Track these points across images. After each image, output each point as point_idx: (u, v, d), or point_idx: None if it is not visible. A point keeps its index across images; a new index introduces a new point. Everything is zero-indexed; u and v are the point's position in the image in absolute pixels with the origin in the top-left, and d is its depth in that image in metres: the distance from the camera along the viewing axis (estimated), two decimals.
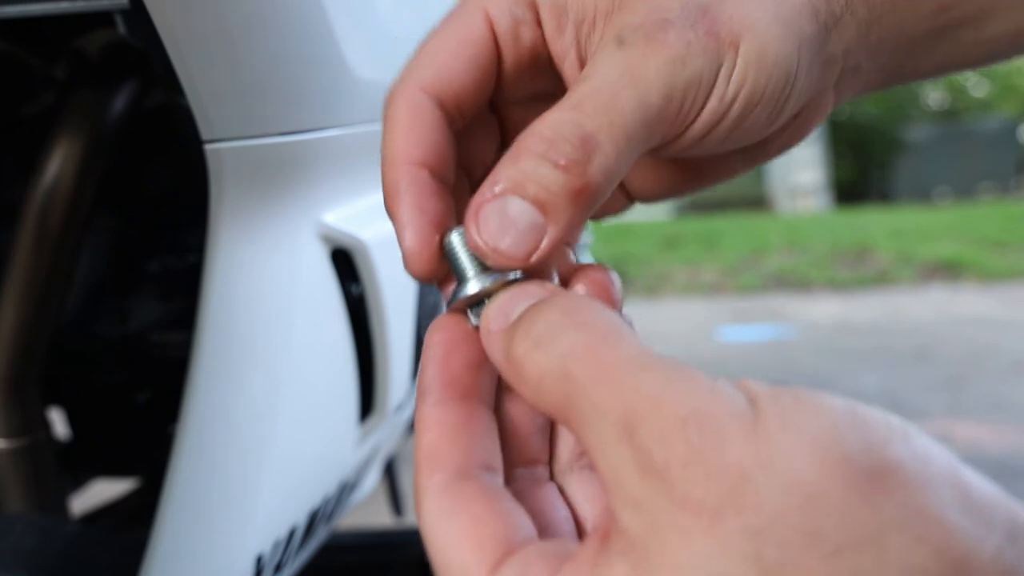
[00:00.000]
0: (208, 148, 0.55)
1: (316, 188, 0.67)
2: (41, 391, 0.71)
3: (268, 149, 0.59)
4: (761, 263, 6.83)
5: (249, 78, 0.55)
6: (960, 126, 16.88)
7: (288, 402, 0.65)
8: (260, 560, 0.66)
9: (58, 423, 1.06)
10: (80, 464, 1.11)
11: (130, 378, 1.05)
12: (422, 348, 0.30)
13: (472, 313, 0.30)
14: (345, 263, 0.72)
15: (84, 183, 0.66)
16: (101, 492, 1.18)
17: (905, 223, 8.77)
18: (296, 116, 0.61)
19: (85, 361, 1.02)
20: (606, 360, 0.23)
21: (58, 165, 0.65)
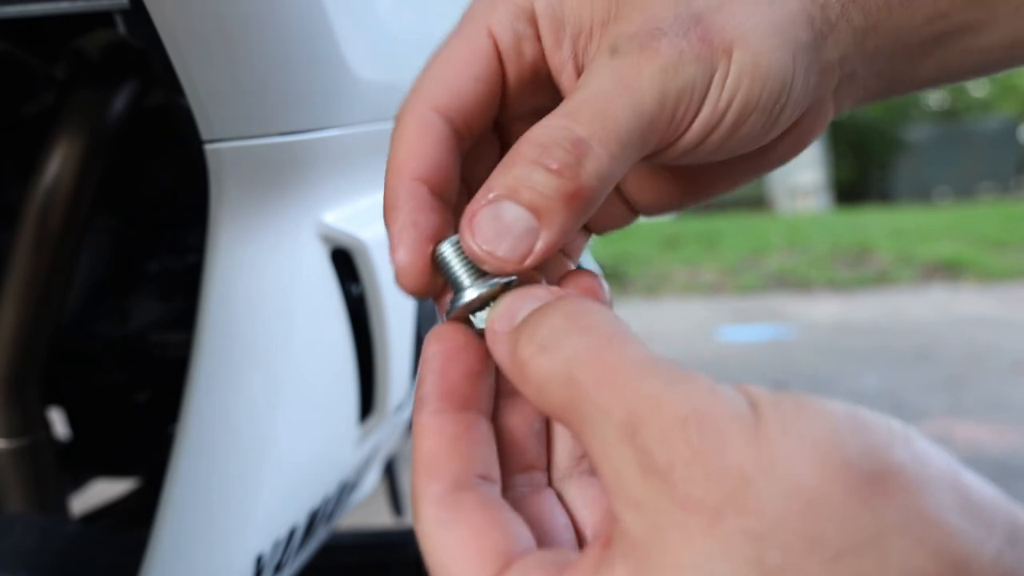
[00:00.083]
0: (208, 148, 0.55)
1: (316, 188, 0.67)
2: (41, 391, 0.72)
3: (268, 149, 0.59)
4: (761, 263, 6.83)
5: (249, 78, 0.55)
6: (960, 126, 16.86)
7: (288, 402, 0.65)
8: (260, 560, 0.66)
9: (58, 423, 1.06)
10: (80, 464, 1.11)
11: (130, 378, 1.05)
12: (420, 357, 0.30)
13: (473, 320, 0.30)
14: (345, 263, 0.72)
15: (84, 183, 0.66)
16: (101, 492, 1.18)
17: (905, 223, 8.78)
18: (296, 116, 0.61)
19: (85, 361, 1.02)
20: (609, 363, 0.24)
21: (58, 165, 0.65)
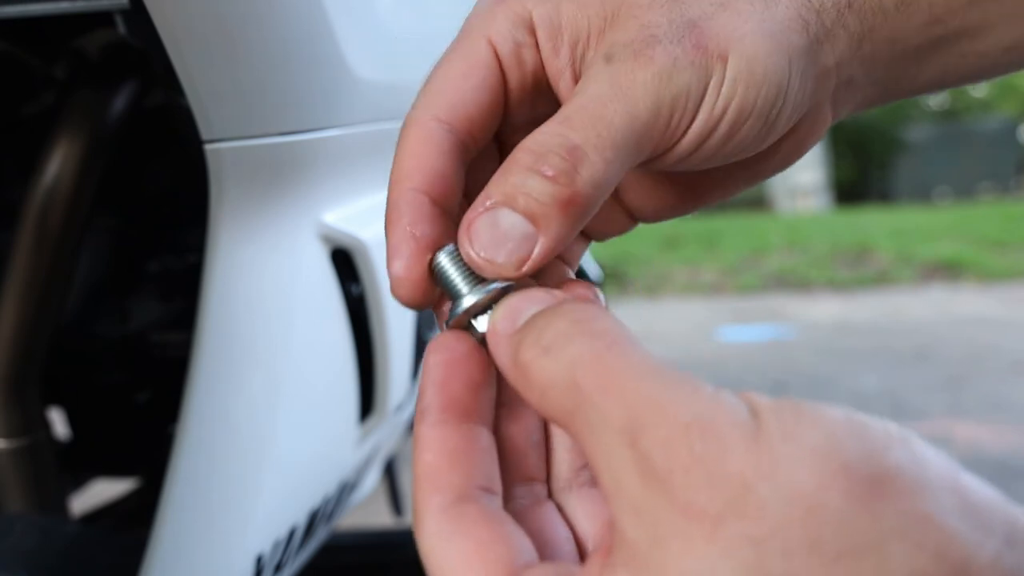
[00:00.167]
0: (208, 148, 0.55)
1: (316, 188, 0.67)
2: (41, 391, 0.72)
3: (268, 149, 0.59)
4: (761, 263, 6.83)
5: (249, 78, 0.55)
6: (960, 126, 16.86)
7: (288, 402, 0.65)
8: (260, 560, 0.66)
9: (58, 423, 1.06)
10: (80, 464, 1.11)
11: (130, 378, 1.05)
12: (422, 367, 0.30)
13: (475, 324, 0.30)
14: (345, 263, 0.72)
15: (84, 183, 0.66)
16: (101, 492, 1.18)
17: (905, 223, 8.78)
18: (296, 116, 0.61)
19: (85, 361, 1.02)
20: (613, 369, 0.24)
21: (58, 165, 0.65)
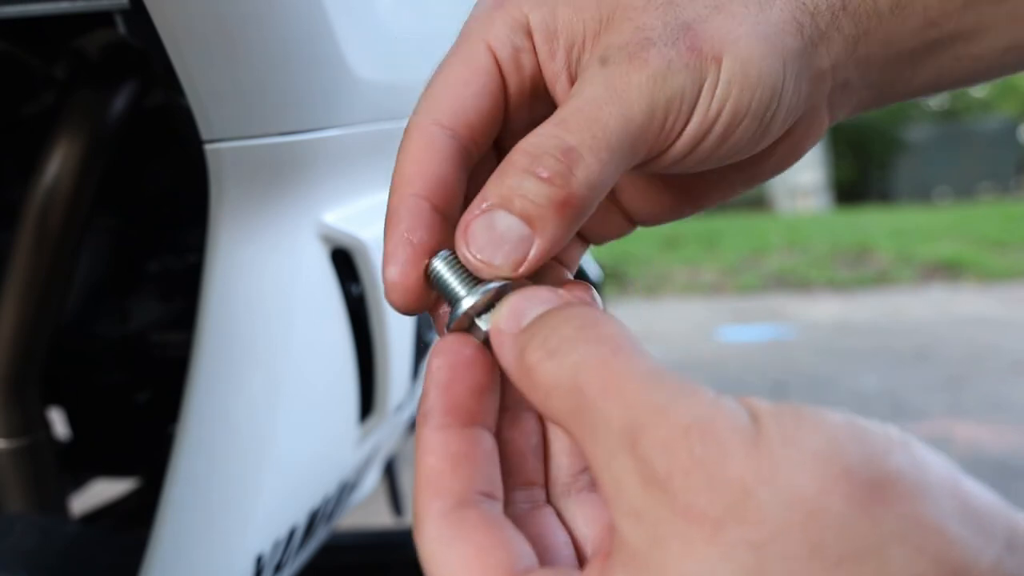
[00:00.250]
0: (208, 148, 0.55)
1: (316, 188, 0.67)
2: (41, 391, 0.71)
3: (268, 149, 0.59)
4: (761, 263, 6.83)
5: (249, 78, 0.55)
6: (960, 126, 16.86)
7: (288, 402, 0.65)
8: (260, 560, 0.66)
9: (58, 423, 1.06)
10: (80, 464, 1.11)
11: (130, 378, 1.05)
12: (425, 369, 0.30)
13: (478, 322, 0.30)
14: (345, 263, 0.72)
15: (84, 183, 0.66)
16: (101, 492, 1.18)
17: (905, 223, 8.77)
18: (296, 116, 0.61)
19: (85, 361, 1.02)
20: (615, 373, 0.24)
21: (58, 165, 0.65)
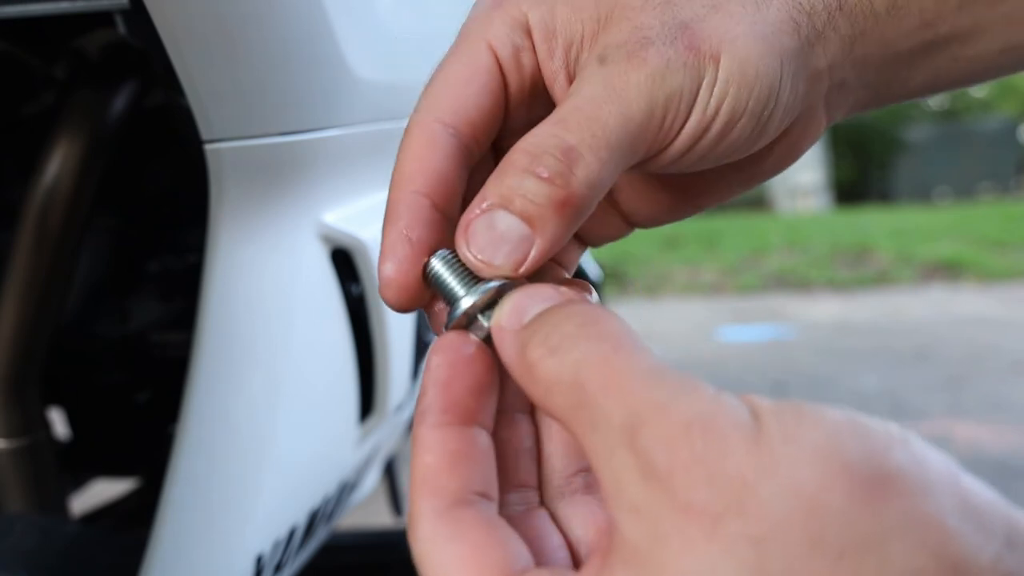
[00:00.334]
0: (208, 148, 0.55)
1: (316, 188, 0.67)
2: (41, 391, 0.71)
3: (268, 149, 0.59)
4: (761, 263, 6.83)
5: (249, 78, 0.55)
6: (960, 126, 16.86)
7: (288, 402, 0.65)
8: (260, 560, 0.66)
9: (58, 423, 1.06)
10: (80, 464, 1.11)
11: (130, 378, 1.05)
12: (423, 367, 0.30)
13: (481, 319, 0.30)
14: (345, 263, 0.72)
15: (84, 183, 0.66)
16: (101, 492, 1.18)
17: (905, 223, 8.78)
18: (296, 116, 0.61)
19: (85, 361, 1.02)
20: (617, 369, 0.24)
21: (58, 165, 0.65)
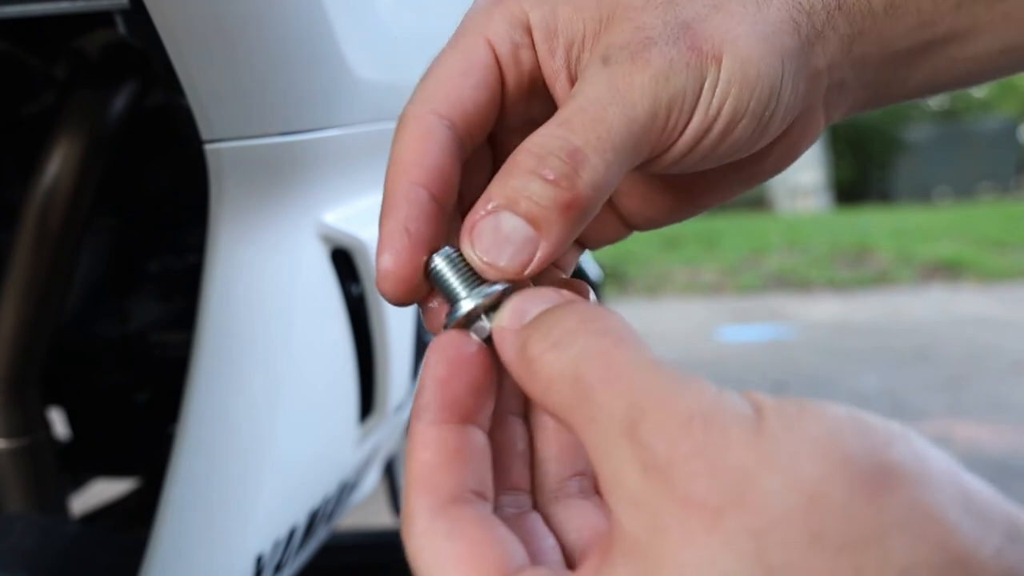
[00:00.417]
0: (208, 148, 0.55)
1: (316, 188, 0.67)
2: (41, 391, 0.71)
3: (268, 149, 0.59)
4: (761, 263, 6.83)
5: (249, 78, 0.55)
6: (960, 126, 16.85)
7: (288, 402, 0.65)
8: (260, 560, 0.66)
9: (58, 423, 1.06)
10: (80, 464, 1.11)
11: (130, 378, 1.05)
12: (422, 365, 0.29)
13: (476, 328, 0.30)
14: (345, 263, 0.72)
15: (84, 183, 0.66)
16: (101, 492, 1.18)
17: (905, 223, 8.77)
18: (296, 116, 0.61)
19: (85, 361, 1.02)
20: (617, 364, 0.24)
21: (58, 165, 0.65)
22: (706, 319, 5.02)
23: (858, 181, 16.45)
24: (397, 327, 0.79)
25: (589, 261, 1.50)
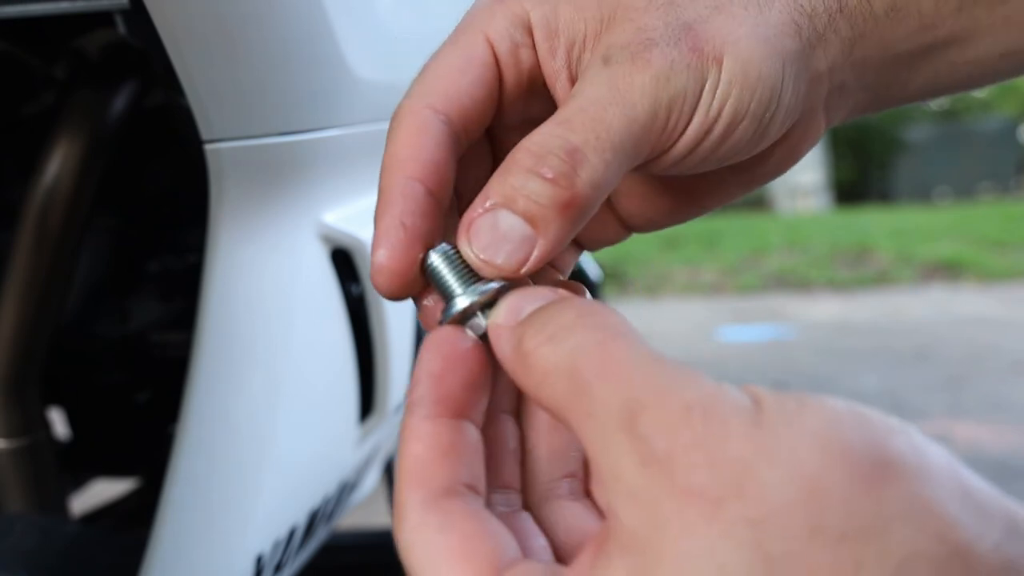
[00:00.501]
0: (208, 148, 0.55)
1: (316, 188, 0.67)
2: (41, 391, 0.72)
3: (268, 149, 0.59)
4: (761, 263, 6.83)
5: (249, 78, 0.55)
6: (960, 126, 16.84)
7: (288, 402, 0.65)
8: (260, 560, 0.66)
9: (58, 423, 1.06)
10: (80, 464, 1.11)
11: (130, 378, 1.05)
12: (417, 360, 0.29)
13: (471, 324, 0.30)
14: (345, 263, 0.72)
15: (84, 183, 0.66)
16: (101, 492, 1.18)
17: (905, 223, 8.77)
18: (296, 116, 0.61)
19: (85, 361, 1.02)
20: (614, 357, 0.24)
21: (58, 165, 0.65)
22: (706, 319, 5.02)
23: (858, 181, 16.44)
24: (397, 327, 0.79)
25: (589, 262, 1.50)
